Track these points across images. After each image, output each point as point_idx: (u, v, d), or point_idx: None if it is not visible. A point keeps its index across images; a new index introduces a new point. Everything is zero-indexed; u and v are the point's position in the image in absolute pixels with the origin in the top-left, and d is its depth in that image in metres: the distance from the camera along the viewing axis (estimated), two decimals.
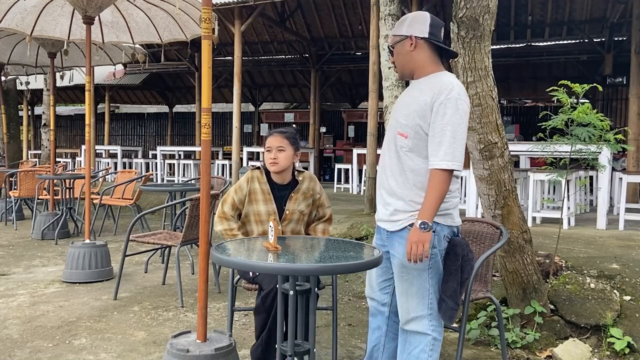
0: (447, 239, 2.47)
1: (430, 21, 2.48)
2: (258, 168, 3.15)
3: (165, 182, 12.45)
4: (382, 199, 2.58)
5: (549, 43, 12.81)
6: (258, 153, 12.96)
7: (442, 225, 2.44)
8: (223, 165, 12.73)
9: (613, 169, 8.04)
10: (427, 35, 2.46)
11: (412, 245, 2.32)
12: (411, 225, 2.42)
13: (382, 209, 2.58)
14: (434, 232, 2.41)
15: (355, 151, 10.49)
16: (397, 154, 2.50)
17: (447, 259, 2.47)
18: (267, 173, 3.13)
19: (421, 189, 2.43)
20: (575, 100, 3.78)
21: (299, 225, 3.15)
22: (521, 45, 12.92)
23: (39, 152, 14.93)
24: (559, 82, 3.76)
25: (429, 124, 2.38)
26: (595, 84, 3.89)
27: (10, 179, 9.27)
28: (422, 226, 2.31)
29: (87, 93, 5.65)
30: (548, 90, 3.85)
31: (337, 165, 11.71)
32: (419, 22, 2.48)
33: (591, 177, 8.02)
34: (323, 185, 3.29)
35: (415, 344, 2.50)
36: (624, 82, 11.29)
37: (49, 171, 8.10)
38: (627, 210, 6.41)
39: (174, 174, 13.07)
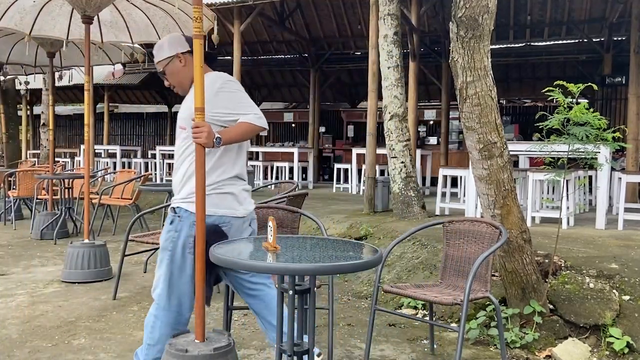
0: (193, 225, 2.59)
1: (185, 37, 2.78)
2: None
3: (164, 182, 12.44)
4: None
5: (548, 43, 12.82)
6: (257, 153, 13.00)
7: (190, 212, 2.62)
8: None
9: (612, 169, 8.04)
10: (190, 49, 2.71)
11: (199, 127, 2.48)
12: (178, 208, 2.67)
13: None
14: (179, 217, 2.65)
15: (355, 151, 10.48)
16: (182, 144, 2.75)
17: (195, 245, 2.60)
18: None
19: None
20: (571, 100, 3.77)
21: None
22: (520, 45, 12.93)
23: (38, 151, 14.91)
24: (554, 83, 3.75)
25: (209, 112, 2.57)
26: (590, 84, 3.88)
27: (9, 178, 9.27)
28: (216, 140, 2.49)
29: (86, 93, 5.64)
30: (544, 90, 3.84)
31: (337, 165, 11.68)
32: (177, 41, 2.77)
33: (590, 177, 8.02)
34: (322, 186, 3.26)
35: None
36: (623, 82, 11.30)
37: (48, 171, 8.09)
38: (627, 210, 6.41)
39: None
